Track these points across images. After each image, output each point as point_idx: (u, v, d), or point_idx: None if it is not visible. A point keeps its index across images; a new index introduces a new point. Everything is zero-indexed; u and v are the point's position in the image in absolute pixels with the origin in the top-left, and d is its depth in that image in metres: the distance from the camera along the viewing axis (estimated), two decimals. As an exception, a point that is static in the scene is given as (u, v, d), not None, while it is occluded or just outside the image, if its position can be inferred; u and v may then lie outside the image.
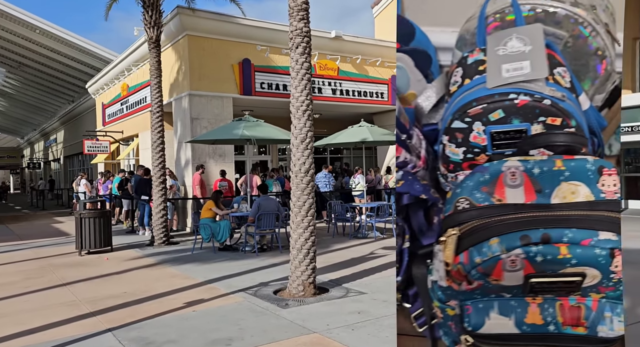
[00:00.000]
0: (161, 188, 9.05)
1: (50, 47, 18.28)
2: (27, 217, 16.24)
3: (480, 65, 2.01)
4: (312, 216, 5.22)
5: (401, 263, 2.16)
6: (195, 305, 4.78)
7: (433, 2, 2.24)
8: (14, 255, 8.26)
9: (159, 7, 9.32)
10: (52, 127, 29.08)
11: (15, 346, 3.76)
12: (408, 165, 2.09)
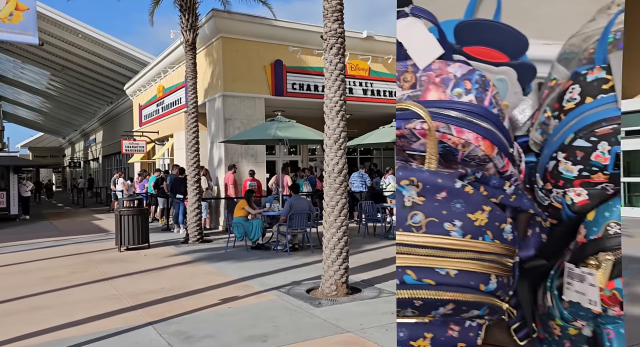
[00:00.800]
0: (196, 187, 9.27)
1: (91, 51, 19.03)
2: (68, 214, 16.97)
3: (603, 84, 1.99)
4: (345, 216, 5.23)
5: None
6: (231, 302, 4.88)
7: (538, 14, 2.23)
8: (58, 250, 8.66)
9: (196, 11, 9.56)
10: (92, 127, 30.27)
11: (62, 336, 3.95)
12: (512, 178, 2.09)
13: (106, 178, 27.23)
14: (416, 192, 1.95)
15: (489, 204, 1.96)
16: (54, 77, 25.23)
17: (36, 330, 4.09)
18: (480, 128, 1.97)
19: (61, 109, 33.31)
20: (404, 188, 1.96)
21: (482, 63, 2.21)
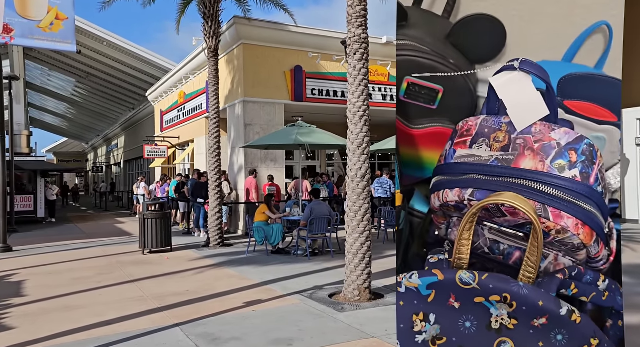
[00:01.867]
0: (217, 191, 9.40)
1: (115, 58, 19.53)
2: (92, 218, 17.36)
3: None
4: (367, 221, 5.25)
5: None
6: (255, 305, 4.94)
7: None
8: (85, 252, 8.87)
9: (219, 18, 9.74)
10: (114, 133, 30.94)
11: (96, 335, 4.06)
12: (601, 261, 1.83)
13: (127, 182, 27.76)
14: (507, 313, 1.62)
15: (597, 336, 1.62)
16: (78, 83, 25.95)
17: (70, 329, 4.21)
18: (582, 212, 1.69)
19: (85, 115, 34.18)
20: (492, 305, 1.62)
21: (583, 119, 1.93)
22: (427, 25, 2.35)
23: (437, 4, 2.35)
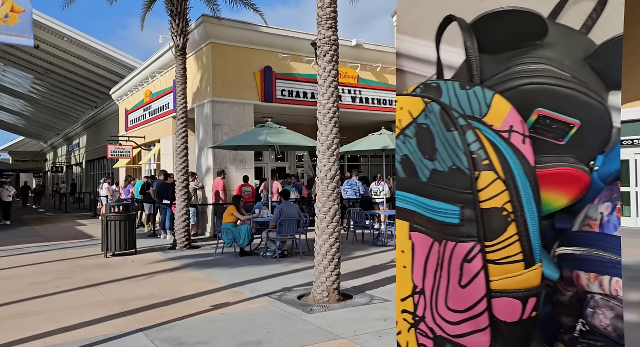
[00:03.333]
0: (184, 193, 9.21)
1: (76, 55, 18.80)
2: (51, 220, 16.62)
3: None
4: (337, 223, 5.26)
5: None
6: (222, 308, 4.85)
7: None
8: (43, 256, 8.48)
9: (186, 17, 9.56)
10: (76, 132, 29.79)
11: (52, 342, 3.87)
12: None
13: (90, 183, 26.78)
14: None
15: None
16: (37, 80, 24.83)
17: (24, 337, 4.00)
18: None
19: (44, 113, 32.74)
20: None
21: None
22: (566, 44, 1.94)
23: (575, 16, 1.92)
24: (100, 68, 19.79)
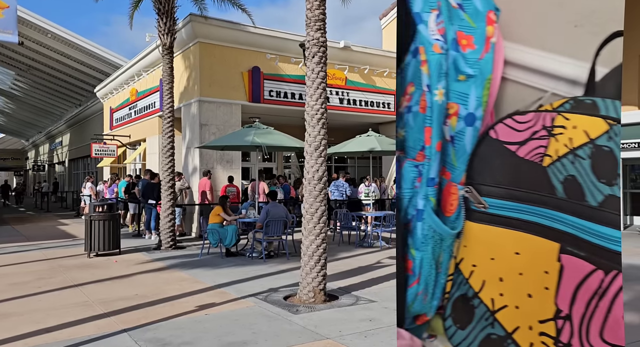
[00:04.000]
0: (170, 192, 9.13)
1: (60, 51, 18.48)
2: (32, 219, 16.30)
3: None
4: (324, 224, 5.28)
5: None
6: (207, 308, 4.83)
7: None
8: (24, 256, 8.31)
9: (174, 15, 9.49)
10: (58, 130, 29.26)
11: (33, 343, 3.81)
12: None
13: (72, 182, 26.32)
14: None
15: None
16: (18, 77, 24.33)
17: (3, 338, 3.92)
18: None
19: (25, 110, 32.08)
20: None
21: None
22: None
23: None
24: (85, 65, 19.49)
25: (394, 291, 5.47)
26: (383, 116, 14.08)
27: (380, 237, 9.54)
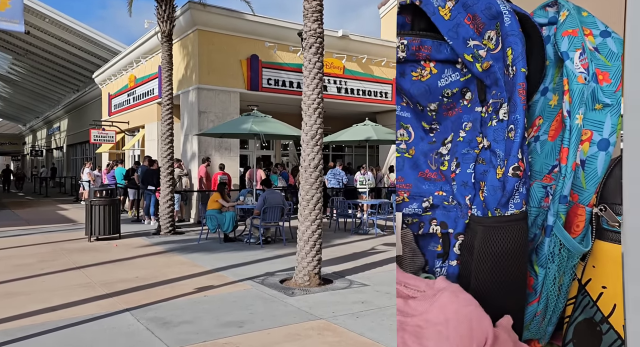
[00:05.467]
0: (169, 179, 9.27)
1: (58, 36, 18.42)
2: (31, 204, 16.44)
3: None
4: (319, 210, 5.45)
5: None
6: (206, 290, 5.02)
7: None
8: (25, 239, 8.48)
9: (173, 2, 9.52)
10: (56, 115, 29.22)
11: (40, 320, 3.99)
12: None
13: (71, 168, 26.40)
14: None
15: None
16: (16, 61, 24.23)
17: (12, 315, 4.10)
18: None
19: (23, 94, 31.98)
20: None
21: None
22: None
23: None
24: (83, 51, 19.43)
25: (386, 276, 5.70)
26: (380, 105, 14.18)
27: (376, 225, 9.73)
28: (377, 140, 10.08)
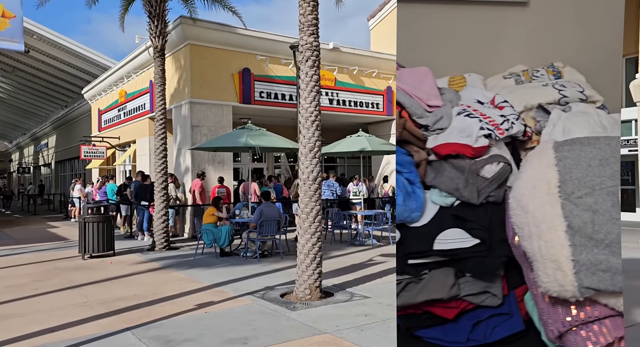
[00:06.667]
0: (163, 194, 9.19)
1: (46, 53, 18.30)
2: (19, 222, 16.13)
3: None
4: (319, 222, 5.43)
5: None
6: (207, 307, 4.95)
7: None
8: (16, 258, 8.30)
9: (165, 18, 9.54)
10: (44, 131, 28.88)
11: (39, 342, 3.89)
12: None
13: (59, 184, 26.02)
14: None
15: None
16: (2, 78, 23.97)
17: (8, 338, 3.99)
18: None
19: (9, 111, 31.57)
20: None
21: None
22: None
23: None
24: (71, 66, 19.32)
25: (386, 288, 5.69)
26: (372, 116, 14.28)
27: (372, 236, 9.72)
28: (371, 151, 10.12)
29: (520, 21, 2.66)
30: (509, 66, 2.76)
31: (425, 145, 2.46)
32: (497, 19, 2.70)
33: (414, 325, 2.43)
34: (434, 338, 2.40)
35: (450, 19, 2.69)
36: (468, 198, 2.35)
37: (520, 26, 2.65)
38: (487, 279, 2.36)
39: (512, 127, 2.45)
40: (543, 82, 2.64)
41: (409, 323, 2.44)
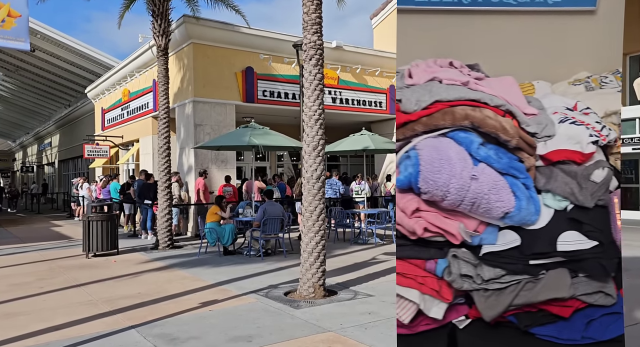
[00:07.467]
0: (167, 193, 9.21)
1: (49, 52, 18.35)
2: (24, 221, 16.20)
3: None
4: (322, 221, 5.43)
5: None
6: (211, 305, 4.96)
7: None
8: (21, 257, 8.34)
9: (168, 17, 9.55)
10: (47, 131, 28.98)
11: (45, 340, 3.91)
12: None
13: (63, 183, 26.12)
14: None
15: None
16: (6, 77, 24.06)
17: (14, 335, 4.02)
18: None
19: (13, 111, 31.71)
20: None
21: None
22: None
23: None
24: (74, 66, 19.37)
25: (390, 286, 5.69)
26: (375, 115, 14.26)
27: (375, 234, 9.72)
28: (374, 149, 10.11)
29: (586, 28, 2.65)
30: (573, 73, 2.72)
31: (534, 152, 2.58)
32: (560, 27, 2.66)
33: (530, 323, 2.57)
34: (548, 335, 2.55)
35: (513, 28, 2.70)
36: (583, 202, 2.53)
37: (586, 33, 2.63)
38: (602, 279, 2.53)
39: (610, 133, 2.59)
40: (616, 87, 2.66)
41: (525, 321, 2.57)
